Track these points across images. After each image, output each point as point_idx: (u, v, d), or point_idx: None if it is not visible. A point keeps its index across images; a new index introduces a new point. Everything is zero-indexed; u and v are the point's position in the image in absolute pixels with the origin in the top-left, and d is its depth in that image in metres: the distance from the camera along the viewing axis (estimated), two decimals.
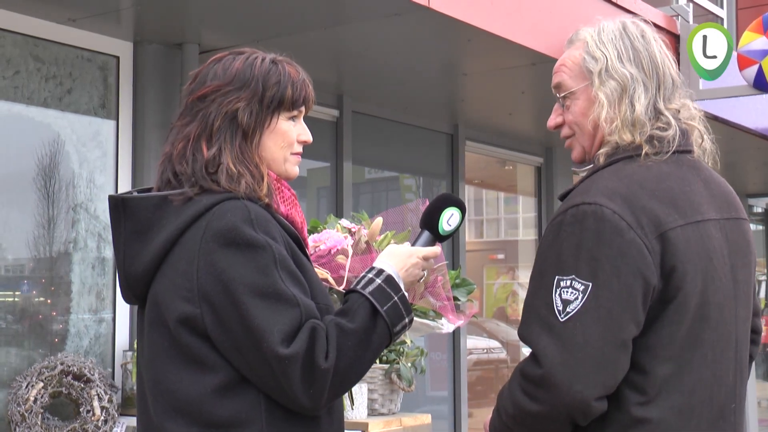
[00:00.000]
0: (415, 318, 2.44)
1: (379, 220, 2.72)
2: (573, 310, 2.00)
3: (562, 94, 2.27)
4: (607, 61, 2.18)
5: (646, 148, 2.13)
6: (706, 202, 2.16)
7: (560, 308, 2.01)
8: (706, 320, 2.09)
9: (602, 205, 2.03)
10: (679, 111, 2.20)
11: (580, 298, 2.00)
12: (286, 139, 2.18)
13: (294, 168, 2.22)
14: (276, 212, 2.12)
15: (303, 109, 2.22)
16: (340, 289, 2.59)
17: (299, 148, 2.22)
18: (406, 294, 2.15)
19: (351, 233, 2.81)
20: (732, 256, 2.17)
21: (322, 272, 2.63)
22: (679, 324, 2.05)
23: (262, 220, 2.03)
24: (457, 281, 2.74)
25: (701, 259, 2.08)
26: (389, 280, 2.13)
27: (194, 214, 2.04)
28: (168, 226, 2.06)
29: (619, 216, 2.02)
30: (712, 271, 2.10)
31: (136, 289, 2.13)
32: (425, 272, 2.31)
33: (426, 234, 2.34)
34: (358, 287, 2.12)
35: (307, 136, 2.23)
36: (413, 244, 2.31)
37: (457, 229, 2.34)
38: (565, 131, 2.30)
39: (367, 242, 2.70)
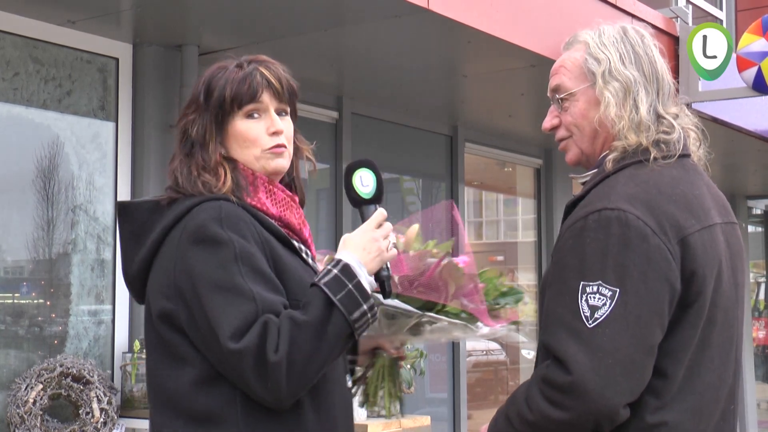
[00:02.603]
0: (447, 319, 2.44)
1: (415, 227, 2.72)
2: (602, 316, 1.98)
3: (561, 95, 2.26)
4: (609, 62, 2.18)
5: (654, 153, 2.13)
6: (712, 206, 2.17)
7: (588, 314, 1.99)
8: (713, 323, 2.10)
9: (626, 210, 2.03)
10: (677, 116, 2.20)
11: (608, 304, 1.98)
12: (247, 139, 2.20)
13: (271, 162, 2.22)
14: (261, 211, 2.17)
15: (262, 99, 2.21)
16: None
17: (272, 141, 2.22)
18: (363, 281, 2.12)
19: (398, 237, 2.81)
20: (732, 259, 2.19)
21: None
22: (696, 327, 2.07)
23: (232, 219, 2.09)
24: (504, 290, 2.73)
25: (715, 263, 2.10)
26: (345, 268, 2.12)
27: (177, 216, 2.14)
28: (156, 228, 2.17)
29: (644, 222, 2.02)
30: (721, 275, 2.12)
31: (135, 288, 2.24)
32: (390, 240, 2.24)
33: (363, 208, 2.28)
34: (317, 279, 2.12)
35: (276, 127, 2.21)
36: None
37: (379, 185, 2.27)
38: (561, 133, 2.29)
39: (394, 245, 2.72)
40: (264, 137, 2.21)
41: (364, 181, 2.27)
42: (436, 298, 2.48)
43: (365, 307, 2.11)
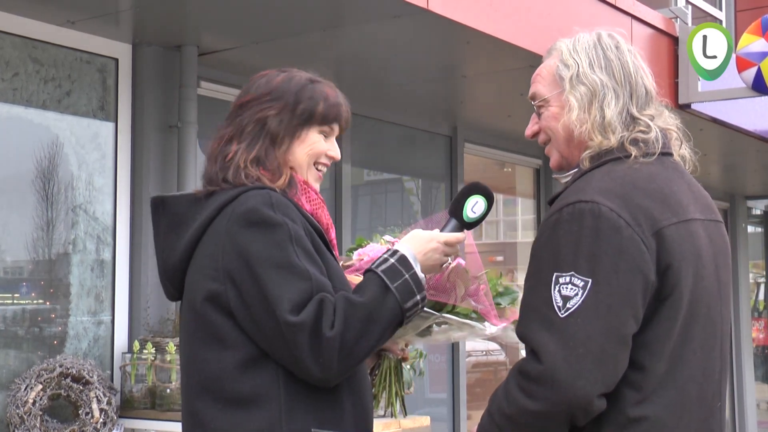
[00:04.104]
0: (458, 318, 2.55)
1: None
2: (573, 306, 2.01)
3: (537, 102, 2.32)
4: (578, 67, 2.23)
5: (634, 151, 2.17)
6: (691, 202, 2.20)
7: (560, 304, 2.02)
8: (695, 318, 2.12)
9: (599, 203, 2.06)
10: (653, 117, 2.24)
11: (580, 294, 2.01)
12: (313, 148, 2.37)
13: (314, 183, 2.40)
14: (299, 205, 2.30)
15: (335, 126, 2.41)
16: None
17: (325, 161, 2.41)
18: (418, 273, 2.25)
19: (392, 245, 2.89)
20: (715, 256, 2.21)
21: (354, 279, 2.71)
22: (674, 321, 2.08)
23: (282, 205, 2.20)
24: (500, 290, 2.82)
25: (692, 256, 2.12)
26: (402, 259, 2.25)
27: (221, 204, 2.23)
28: (198, 218, 2.26)
29: (617, 214, 2.05)
30: (701, 270, 2.14)
31: (174, 279, 2.32)
32: (450, 258, 2.39)
33: (452, 221, 2.41)
34: (373, 266, 2.25)
35: (335, 153, 2.42)
36: (441, 231, 2.40)
37: (483, 217, 2.41)
38: (542, 137, 2.34)
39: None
40: (322, 155, 2.40)
41: (475, 209, 2.41)
42: (445, 299, 2.55)
43: (418, 297, 2.23)
